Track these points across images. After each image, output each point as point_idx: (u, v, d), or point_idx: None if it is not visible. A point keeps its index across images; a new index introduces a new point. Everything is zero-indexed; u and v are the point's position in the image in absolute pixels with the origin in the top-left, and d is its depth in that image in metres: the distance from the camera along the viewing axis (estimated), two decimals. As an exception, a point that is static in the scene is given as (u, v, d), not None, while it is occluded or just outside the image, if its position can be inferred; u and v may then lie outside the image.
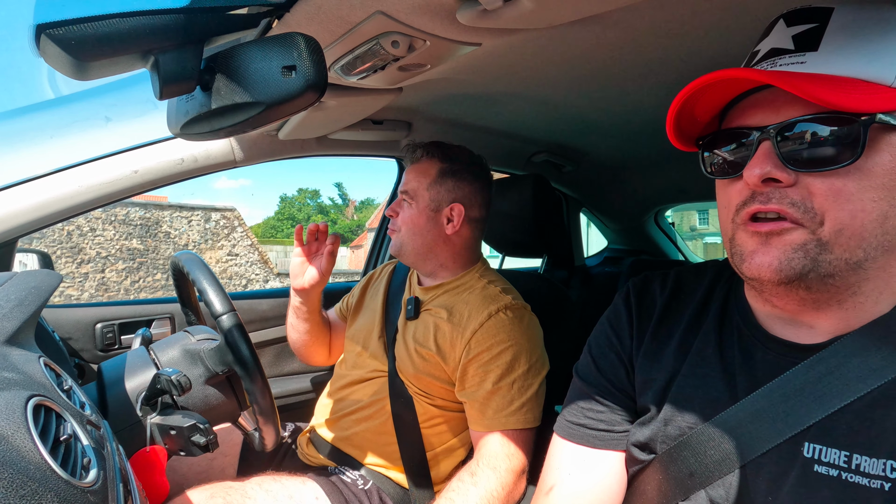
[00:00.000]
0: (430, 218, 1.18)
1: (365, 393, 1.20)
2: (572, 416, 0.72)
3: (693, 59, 0.94)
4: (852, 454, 0.50)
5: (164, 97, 0.56)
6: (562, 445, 0.72)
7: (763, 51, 0.54)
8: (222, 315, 0.86)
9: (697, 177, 2.02)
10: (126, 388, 0.86)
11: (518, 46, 0.85)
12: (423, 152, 1.21)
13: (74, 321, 1.37)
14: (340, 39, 0.71)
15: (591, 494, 0.68)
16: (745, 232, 0.54)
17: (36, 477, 0.35)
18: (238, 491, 1.00)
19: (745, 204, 0.53)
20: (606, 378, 0.70)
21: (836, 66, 0.49)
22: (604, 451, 0.69)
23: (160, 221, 13.09)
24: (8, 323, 0.59)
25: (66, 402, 0.52)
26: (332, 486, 1.08)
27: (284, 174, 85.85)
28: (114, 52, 0.50)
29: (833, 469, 0.51)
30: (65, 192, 1.09)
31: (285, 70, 0.55)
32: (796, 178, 0.50)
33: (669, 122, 0.56)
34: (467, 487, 0.95)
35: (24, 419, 0.39)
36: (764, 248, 0.52)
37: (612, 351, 0.71)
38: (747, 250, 0.53)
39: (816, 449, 0.52)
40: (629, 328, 0.70)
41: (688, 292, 0.69)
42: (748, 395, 0.57)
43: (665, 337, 0.67)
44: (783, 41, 0.53)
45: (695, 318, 0.66)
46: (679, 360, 0.64)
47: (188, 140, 0.84)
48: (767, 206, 0.51)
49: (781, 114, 0.51)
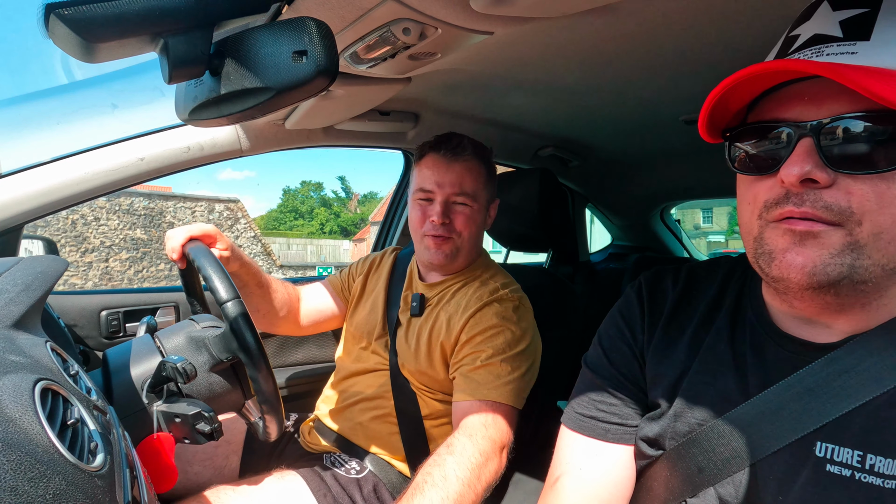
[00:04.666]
0: (484, 216, 1.19)
1: (369, 384, 1.20)
2: (583, 408, 0.71)
3: (706, 51, 0.92)
4: (866, 454, 0.49)
5: (173, 81, 0.56)
6: (572, 438, 0.71)
7: (804, 36, 0.50)
8: (227, 302, 0.85)
9: (705, 174, 2.02)
10: (131, 375, 0.86)
11: (529, 36, 0.84)
12: (472, 149, 1.13)
13: (79, 308, 1.37)
14: (351, 25, 0.70)
15: (600, 487, 0.67)
16: (775, 230, 0.51)
17: (44, 460, 0.34)
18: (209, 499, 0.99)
19: (778, 204, 0.50)
20: (619, 371, 0.69)
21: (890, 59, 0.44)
22: (615, 444, 0.68)
23: (164, 212, 13.11)
24: (15, 307, 0.59)
25: (72, 387, 0.52)
26: (314, 475, 1.07)
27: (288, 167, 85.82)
28: (123, 33, 0.49)
29: (846, 469, 0.50)
30: (71, 178, 1.08)
31: (296, 55, 0.54)
32: (834, 179, 0.47)
33: (705, 113, 0.53)
34: (444, 458, 0.92)
35: (31, 402, 0.39)
36: (797, 248, 0.49)
37: (624, 344, 0.70)
38: (778, 248, 0.50)
39: (829, 448, 0.51)
40: (641, 322, 0.70)
41: (700, 288, 0.68)
42: (760, 393, 0.56)
43: (676, 332, 0.66)
44: (829, 27, 0.48)
45: (707, 314, 0.65)
46: (690, 356, 0.63)
47: (196, 126, 0.83)
48: (801, 210, 0.48)
49: (824, 109, 0.47)
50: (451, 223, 1.12)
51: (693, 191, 2.35)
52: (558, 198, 1.64)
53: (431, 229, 1.13)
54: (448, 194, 1.12)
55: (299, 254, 22.33)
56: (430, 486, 0.86)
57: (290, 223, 43.80)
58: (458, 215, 1.12)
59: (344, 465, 1.14)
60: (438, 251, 1.13)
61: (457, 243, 1.13)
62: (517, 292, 1.15)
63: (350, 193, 34.55)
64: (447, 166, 1.12)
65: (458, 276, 1.20)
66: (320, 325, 1.39)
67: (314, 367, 1.69)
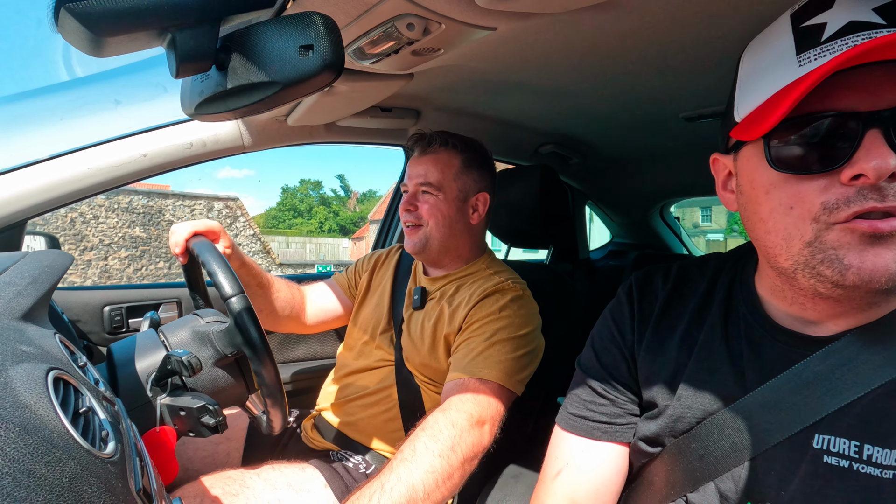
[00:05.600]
0: (458, 208, 1.19)
1: (371, 380, 1.21)
2: (574, 408, 0.72)
3: (709, 48, 0.93)
4: (863, 444, 0.50)
5: (181, 75, 0.56)
6: (563, 437, 0.72)
7: (836, 24, 0.47)
8: (232, 297, 0.85)
9: (706, 172, 2.02)
10: (136, 369, 0.86)
11: (532, 32, 0.85)
12: (441, 142, 1.19)
13: (82, 304, 1.37)
14: (356, 21, 0.71)
15: (588, 482, 0.69)
16: (844, 232, 0.46)
17: (60, 445, 0.35)
18: (237, 481, 1.00)
19: (848, 203, 0.45)
20: (608, 372, 0.70)
21: None
22: (605, 442, 0.69)
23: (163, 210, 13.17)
24: (23, 300, 0.59)
25: (82, 377, 0.52)
26: (332, 472, 1.09)
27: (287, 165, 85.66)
28: (132, 27, 0.50)
29: (843, 459, 0.50)
30: (74, 174, 1.09)
31: (302, 49, 0.54)
32: None
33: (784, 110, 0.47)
34: (416, 434, 0.90)
35: (45, 390, 0.39)
36: (876, 249, 0.45)
37: (613, 345, 0.71)
38: (851, 253, 0.46)
39: (826, 440, 0.52)
40: (631, 322, 0.70)
41: (690, 285, 0.68)
42: (758, 388, 0.56)
43: (667, 330, 0.66)
44: (862, 14, 0.46)
45: (698, 310, 0.65)
46: (684, 354, 0.63)
47: (202, 120, 0.83)
48: (885, 205, 0.44)
49: (884, 98, 0.44)
50: (417, 211, 1.19)
51: (694, 188, 2.35)
52: (559, 195, 1.65)
53: (403, 218, 1.22)
54: (416, 184, 1.19)
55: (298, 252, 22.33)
56: (400, 461, 0.85)
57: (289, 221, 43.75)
58: (423, 204, 1.18)
59: (352, 461, 1.15)
60: (409, 239, 1.21)
61: (425, 231, 1.18)
62: (520, 283, 1.16)
63: (349, 192, 34.56)
64: (417, 161, 1.21)
65: (460, 271, 1.21)
66: (327, 324, 1.40)
67: (316, 364, 1.70)
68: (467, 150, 1.21)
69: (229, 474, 1.02)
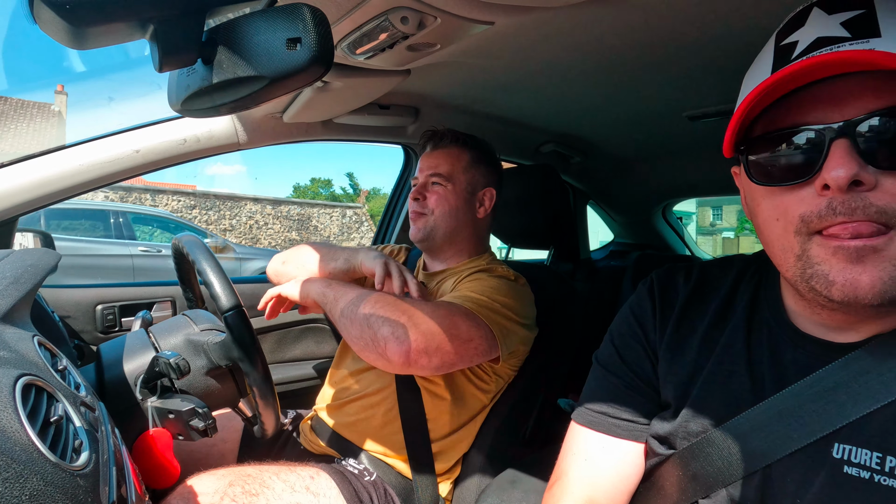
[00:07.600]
0: (466, 200, 1.22)
1: (370, 381, 1.19)
2: (593, 404, 0.70)
3: (712, 45, 0.91)
4: (885, 456, 0.48)
5: (164, 69, 0.54)
6: (581, 433, 0.70)
7: (806, 41, 0.48)
8: (229, 311, 0.84)
9: (709, 171, 2.00)
10: (125, 370, 0.85)
11: (531, 27, 0.83)
12: (452, 138, 1.23)
13: (74, 302, 1.36)
14: (348, 14, 0.68)
15: (606, 479, 0.67)
16: (824, 247, 0.47)
17: (21, 459, 0.33)
18: (256, 479, 0.98)
19: (821, 217, 0.46)
20: (632, 369, 0.69)
21: None
22: (625, 440, 0.68)
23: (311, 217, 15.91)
24: (2, 300, 0.58)
25: (59, 383, 0.50)
26: (342, 478, 1.07)
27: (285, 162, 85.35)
28: (111, 18, 0.48)
29: (864, 471, 0.49)
30: (66, 170, 1.07)
31: (290, 43, 0.52)
32: (876, 181, 0.45)
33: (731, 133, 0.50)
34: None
35: (11, 398, 0.38)
36: (858, 267, 0.46)
37: (636, 342, 0.69)
38: (835, 269, 0.47)
39: (846, 450, 0.50)
40: (653, 318, 0.69)
41: (712, 286, 0.67)
42: (776, 393, 0.55)
43: (687, 330, 0.65)
44: (831, 29, 0.47)
45: (720, 312, 0.64)
46: (703, 355, 0.62)
47: (189, 116, 0.81)
48: (854, 225, 0.45)
49: (849, 109, 0.46)
50: (425, 200, 1.21)
51: (696, 188, 2.33)
52: (560, 194, 1.63)
53: (411, 207, 1.24)
54: (426, 176, 1.22)
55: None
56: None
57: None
58: (432, 194, 1.21)
59: (356, 468, 1.13)
60: (414, 226, 1.23)
61: (430, 220, 1.20)
62: (519, 275, 1.17)
63: (358, 189, 34.64)
64: (428, 155, 1.25)
65: (460, 265, 1.21)
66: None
67: (313, 364, 1.68)
68: (477, 147, 1.25)
69: (248, 471, 1.00)
